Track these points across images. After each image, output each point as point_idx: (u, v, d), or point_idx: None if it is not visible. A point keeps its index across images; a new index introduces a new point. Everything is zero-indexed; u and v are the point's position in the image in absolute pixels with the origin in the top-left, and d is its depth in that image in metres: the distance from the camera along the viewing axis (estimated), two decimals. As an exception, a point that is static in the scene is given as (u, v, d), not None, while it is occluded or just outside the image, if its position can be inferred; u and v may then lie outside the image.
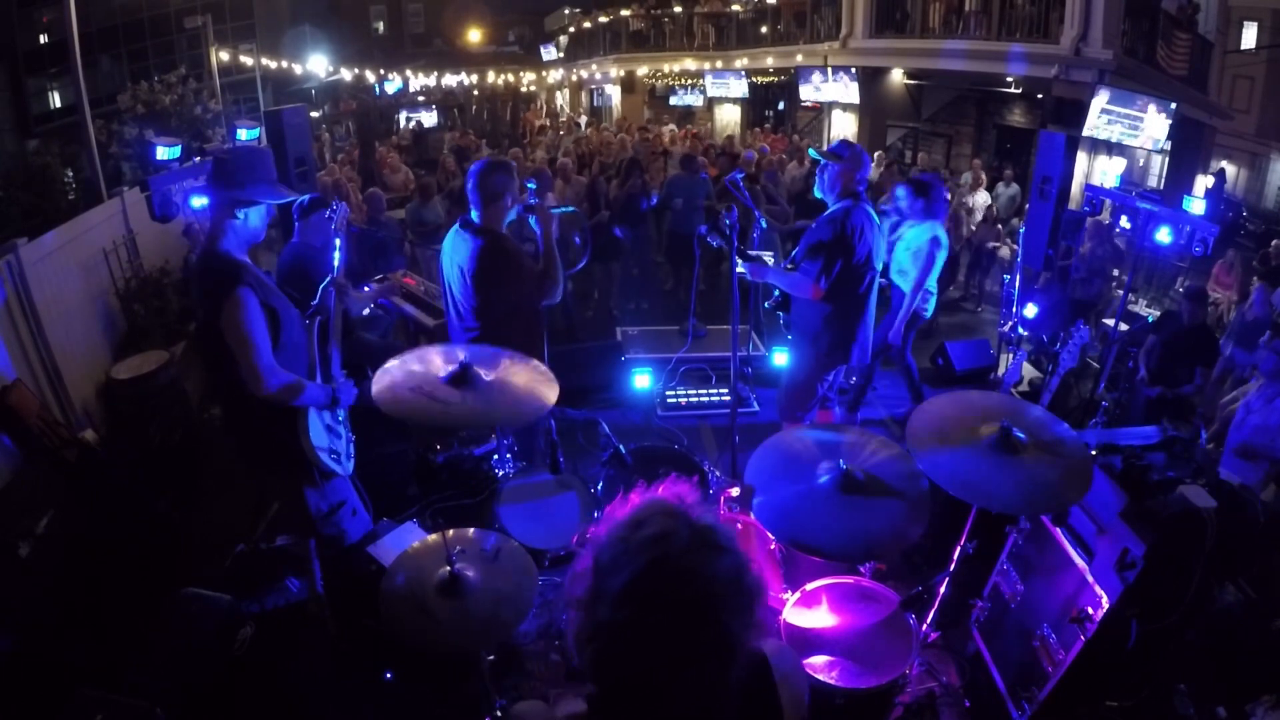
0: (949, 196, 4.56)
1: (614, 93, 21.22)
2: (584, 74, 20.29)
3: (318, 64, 15.07)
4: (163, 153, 5.29)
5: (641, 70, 19.41)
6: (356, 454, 2.98)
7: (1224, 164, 13.03)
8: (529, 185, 3.41)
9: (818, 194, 3.49)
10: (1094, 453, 2.55)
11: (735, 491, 3.02)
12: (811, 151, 3.77)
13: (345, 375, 2.83)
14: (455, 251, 3.11)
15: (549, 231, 3.09)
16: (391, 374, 2.46)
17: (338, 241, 2.93)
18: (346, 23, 23.26)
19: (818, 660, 2.26)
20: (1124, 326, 5.43)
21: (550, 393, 2.49)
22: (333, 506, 2.83)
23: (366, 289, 4.42)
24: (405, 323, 5.00)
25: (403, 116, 20.00)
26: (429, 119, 20.15)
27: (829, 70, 13.31)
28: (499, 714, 2.28)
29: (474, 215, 3.05)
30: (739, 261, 3.26)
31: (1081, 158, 9.26)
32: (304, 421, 2.58)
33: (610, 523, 1.06)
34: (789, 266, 3.54)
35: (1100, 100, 8.86)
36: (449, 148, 13.06)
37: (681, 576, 0.98)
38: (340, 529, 2.86)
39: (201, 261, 2.52)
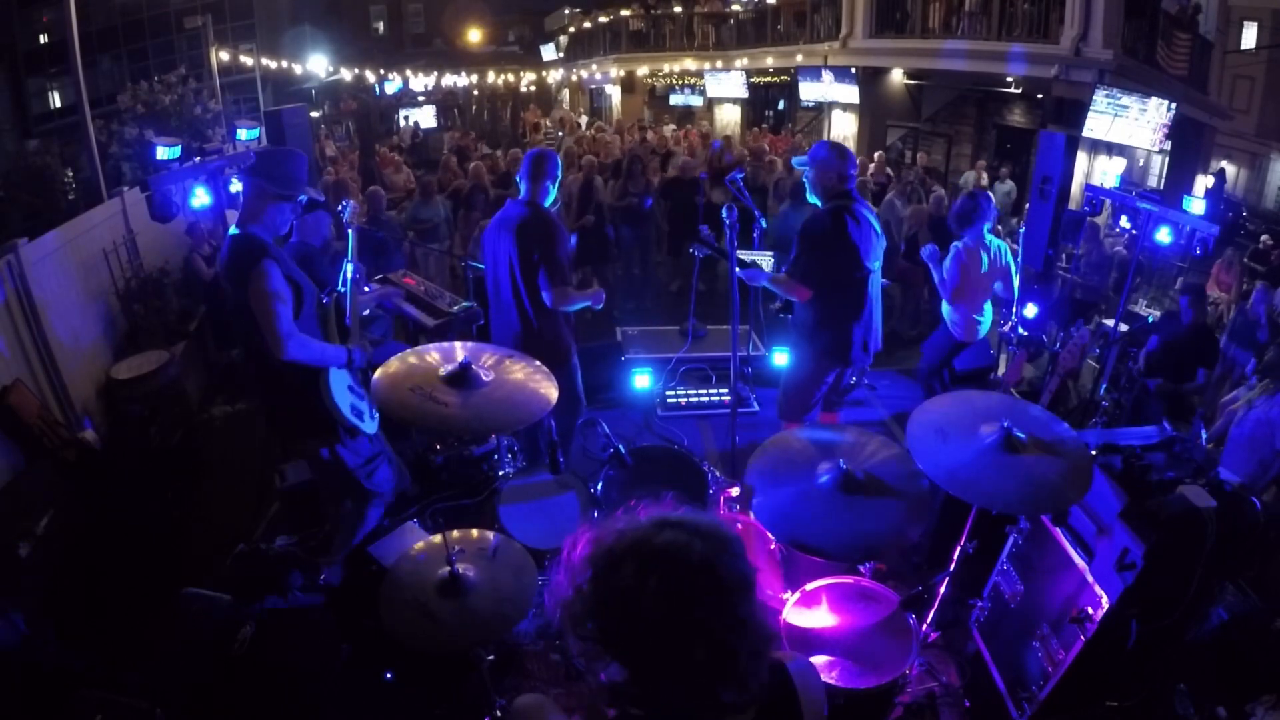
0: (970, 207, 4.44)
1: (614, 93, 21.20)
2: (584, 74, 20.28)
3: (318, 64, 15.05)
4: (163, 153, 5.28)
5: (641, 70, 19.39)
6: None
7: (1224, 164, 13.01)
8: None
9: (810, 199, 3.48)
10: (1094, 453, 2.55)
11: (735, 491, 3.02)
12: (795, 161, 3.70)
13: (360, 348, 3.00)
14: (502, 224, 3.40)
15: None
16: (392, 373, 2.46)
17: (350, 232, 3.10)
18: (346, 23, 23.25)
19: (818, 660, 2.26)
20: (1124, 327, 5.43)
21: (550, 392, 2.49)
22: (368, 458, 3.00)
23: (368, 289, 4.41)
24: (405, 323, 5.00)
25: (402, 116, 19.99)
26: (428, 119, 20.13)
27: (829, 70, 13.31)
28: (499, 714, 2.28)
29: (522, 190, 3.39)
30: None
31: (1081, 158, 9.25)
32: (325, 383, 2.78)
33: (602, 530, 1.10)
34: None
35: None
36: (449, 148, 13.05)
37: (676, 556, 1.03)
38: (376, 482, 3.05)
39: (231, 242, 2.71)
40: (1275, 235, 9.51)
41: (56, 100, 17.30)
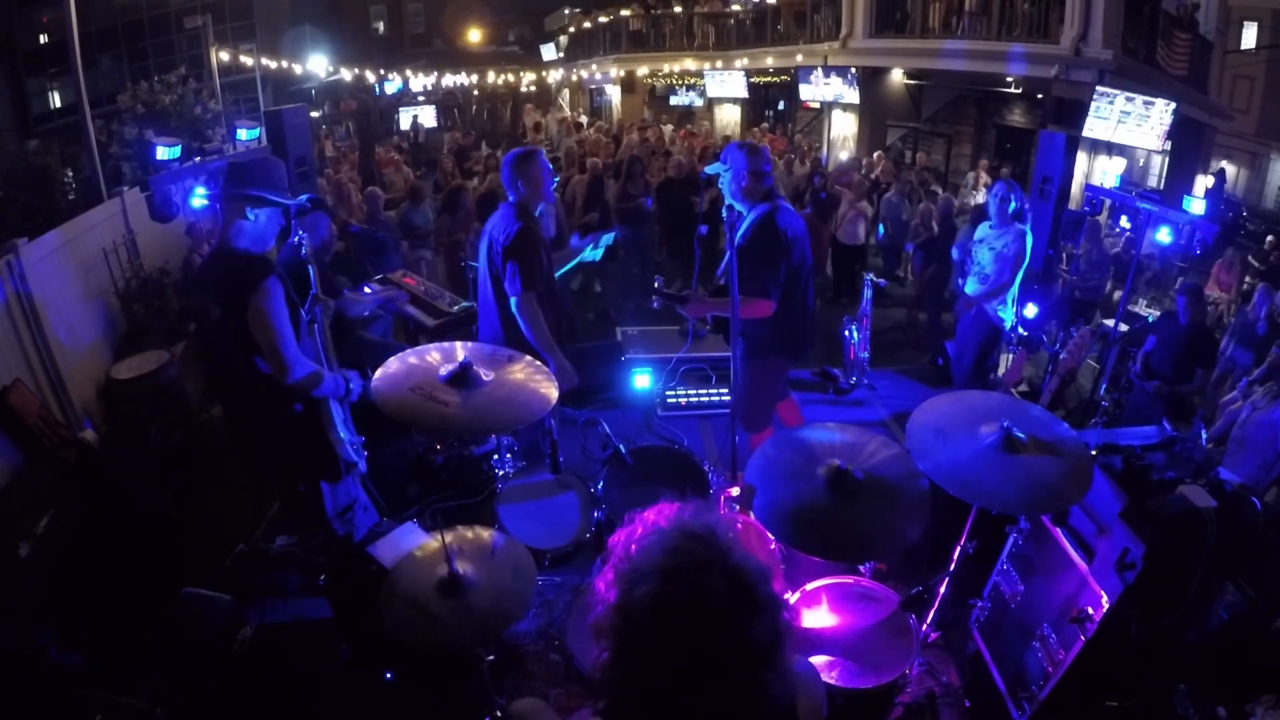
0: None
1: (614, 93, 21.18)
2: (584, 74, 20.26)
3: (318, 64, 15.04)
4: (163, 153, 5.28)
5: (641, 70, 19.38)
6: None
7: (1224, 164, 13.00)
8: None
9: (729, 202, 3.33)
10: (1094, 453, 2.55)
11: (735, 491, 3.02)
12: (708, 169, 3.50)
13: (358, 373, 2.91)
14: (486, 227, 3.40)
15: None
16: (392, 373, 2.46)
17: (310, 269, 2.84)
18: (346, 23, 23.24)
19: (818, 660, 2.26)
20: (1124, 327, 5.43)
21: (550, 392, 2.49)
22: (346, 505, 2.92)
23: (368, 290, 4.41)
24: (405, 323, 5.00)
25: (402, 116, 19.97)
26: (428, 119, 20.10)
27: (829, 70, 13.31)
28: (499, 714, 2.28)
29: (510, 197, 3.35)
30: (683, 312, 3.34)
31: (1081, 158, 9.26)
32: (328, 415, 2.69)
33: (639, 536, 1.07)
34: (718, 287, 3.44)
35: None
36: (449, 149, 13.05)
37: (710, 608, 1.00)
38: (351, 525, 2.96)
39: (218, 260, 2.58)
40: (1278, 235, 9.51)
41: (56, 100, 17.28)
